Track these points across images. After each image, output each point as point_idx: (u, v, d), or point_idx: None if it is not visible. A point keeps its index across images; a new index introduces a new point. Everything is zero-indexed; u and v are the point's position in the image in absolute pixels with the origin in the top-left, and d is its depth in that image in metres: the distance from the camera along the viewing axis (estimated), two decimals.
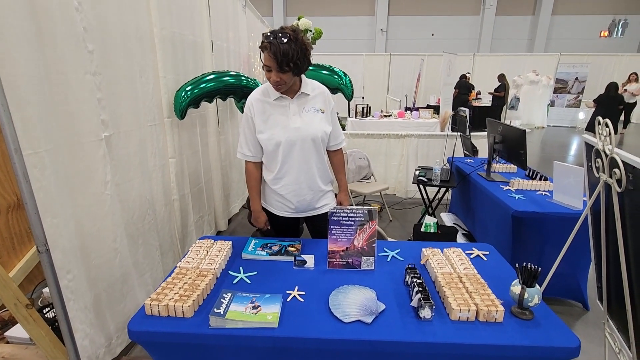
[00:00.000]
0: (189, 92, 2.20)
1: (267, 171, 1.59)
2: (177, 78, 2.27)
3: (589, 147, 1.45)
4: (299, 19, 4.13)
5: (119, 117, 1.69)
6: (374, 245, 1.34)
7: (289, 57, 1.30)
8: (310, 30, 4.16)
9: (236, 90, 2.43)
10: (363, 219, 1.33)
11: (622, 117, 8.01)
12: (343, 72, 2.42)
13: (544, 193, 2.30)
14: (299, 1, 13.99)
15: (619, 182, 1.17)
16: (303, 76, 1.51)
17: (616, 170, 1.17)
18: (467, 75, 9.34)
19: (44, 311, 1.74)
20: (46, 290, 1.88)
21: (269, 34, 1.33)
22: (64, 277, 1.36)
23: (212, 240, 1.49)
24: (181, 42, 2.33)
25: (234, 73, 2.45)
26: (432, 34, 13.79)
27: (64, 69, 1.34)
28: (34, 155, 1.21)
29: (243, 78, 2.45)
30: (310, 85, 1.53)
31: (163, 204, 2.15)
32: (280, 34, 1.30)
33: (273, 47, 1.30)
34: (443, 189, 2.99)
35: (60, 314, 1.30)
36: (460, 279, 1.21)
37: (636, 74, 8.47)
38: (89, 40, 1.45)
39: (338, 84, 2.36)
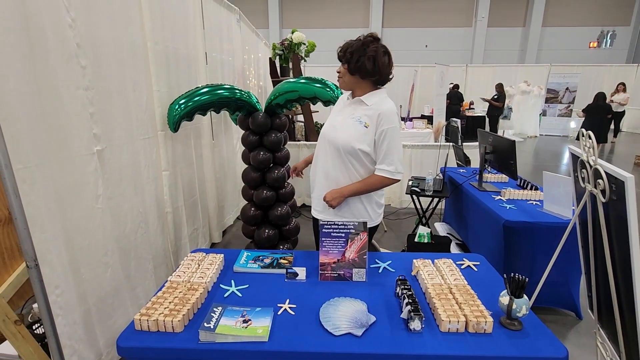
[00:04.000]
0: (182, 105, 2.22)
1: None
2: (171, 91, 2.29)
3: (574, 157, 1.48)
4: (292, 32, 4.21)
5: (112, 131, 1.70)
6: (365, 256, 1.35)
7: (346, 48, 1.45)
8: (304, 43, 4.23)
9: (230, 103, 2.45)
10: (354, 231, 1.34)
11: (612, 126, 8.14)
12: (335, 85, 2.45)
13: (534, 202, 2.32)
14: (294, 14, 14.20)
15: (603, 192, 1.19)
16: (379, 90, 1.51)
17: (600, 181, 1.19)
18: (457, 85, 9.46)
19: (34, 327, 1.71)
20: (36, 305, 1.85)
21: None
22: (52, 292, 1.34)
23: (204, 254, 1.49)
24: (175, 55, 2.35)
25: (228, 86, 2.48)
26: (426, 46, 14.03)
27: (56, 84, 1.35)
28: (24, 170, 1.21)
29: (237, 91, 2.47)
30: (373, 98, 1.49)
31: (156, 217, 2.14)
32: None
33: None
34: (436, 199, 3.00)
35: (48, 330, 1.28)
36: (450, 290, 1.22)
37: (623, 84, 8.64)
38: (82, 55, 1.47)
39: (330, 97, 2.39)
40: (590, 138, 1.24)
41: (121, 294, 1.76)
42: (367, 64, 1.43)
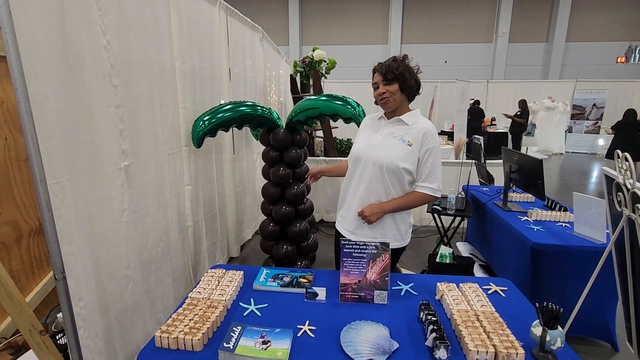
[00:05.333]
0: (206, 122, 2.28)
1: (345, 176, 1.70)
2: (196, 108, 2.36)
3: (609, 179, 1.42)
4: (313, 50, 4.29)
5: (139, 147, 1.75)
6: (387, 278, 1.31)
7: (393, 68, 1.47)
8: (325, 61, 4.30)
9: (252, 119, 2.50)
10: (376, 252, 1.31)
11: None
12: (356, 103, 2.46)
13: (564, 224, 2.23)
14: (314, 30, 14.53)
15: None
16: (416, 110, 1.58)
17: (639, 205, 1.13)
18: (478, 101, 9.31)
19: (57, 337, 1.74)
20: (60, 315, 1.90)
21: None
22: (76, 305, 1.37)
23: (224, 270, 1.49)
24: (200, 73, 2.43)
25: (250, 103, 2.53)
26: (445, 62, 14.01)
27: (90, 103, 1.42)
28: (56, 185, 1.26)
29: (259, 108, 2.52)
30: (413, 117, 1.54)
31: (177, 231, 2.18)
32: (388, 59, 1.52)
33: (380, 65, 1.51)
34: (458, 218, 2.93)
35: (72, 343, 1.30)
36: (477, 317, 1.17)
37: None
38: (114, 75, 1.54)
39: (351, 114, 2.40)
40: (627, 160, 1.19)
41: (141, 307, 1.78)
42: (413, 83, 1.50)
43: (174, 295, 2.11)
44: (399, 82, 1.47)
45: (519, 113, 8.68)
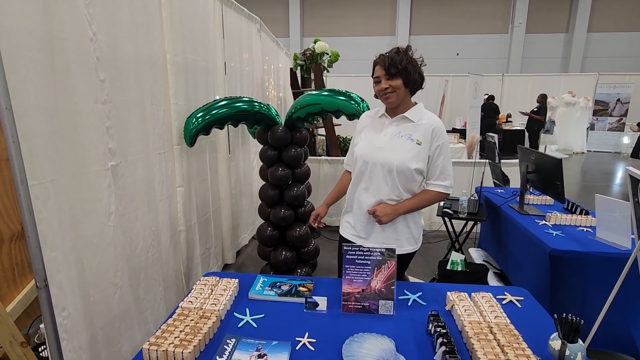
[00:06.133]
0: (200, 119, 2.28)
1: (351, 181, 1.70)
2: (188, 104, 2.36)
3: (634, 180, 1.41)
4: (315, 42, 4.29)
5: (127, 145, 1.76)
6: (393, 287, 1.31)
7: (397, 61, 1.45)
8: (327, 53, 4.31)
9: (248, 116, 2.50)
10: (381, 258, 1.31)
11: None
12: (360, 98, 2.46)
13: (585, 229, 2.21)
14: (316, 21, 14.55)
15: None
16: (419, 104, 1.58)
17: None
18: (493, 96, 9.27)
19: (40, 349, 1.75)
20: (43, 326, 1.90)
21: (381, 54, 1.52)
22: (59, 315, 1.37)
23: (218, 278, 1.48)
24: (193, 67, 2.44)
25: (247, 98, 2.54)
26: (457, 54, 13.98)
27: (74, 99, 1.42)
28: (38, 186, 1.26)
29: (256, 104, 2.53)
30: (418, 113, 1.55)
31: (168, 236, 2.18)
32: (390, 50, 1.50)
33: (382, 58, 1.49)
34: (471, 222, 2.92)
35: (54, 356, 1.30)
36: (491, 329, 1.16)
37: None
38: (101, 69, 1.54)
39: (355, 110, 2.39)
40: None
41: (129, 317, 1.78)
42: (417, 77, 1.51)
43: (164, 304, 2.11)
44: (402, 76, 1.47)
45: (536, 109, 8.64)
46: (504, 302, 1.38)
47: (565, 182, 2.25)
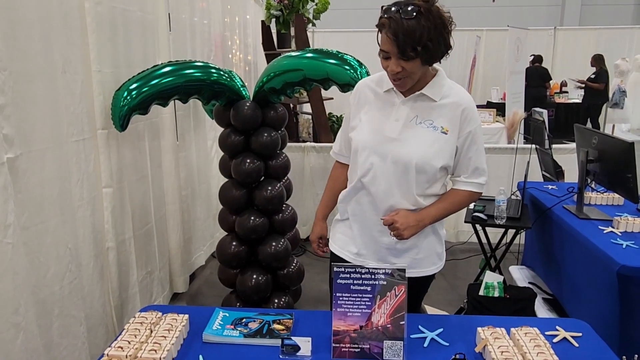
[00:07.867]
0: (134, 92, 2.26)
1: (348, 182, 1.68)
2: (118, 72, 2.34)
3: None
4: None
5: (31, 131, 1.73)
6: (402, 322, 1.31)
7: (415, 37, 1.29)
8: (312, 0, 4.30)
9: (203, 87, 2.49)
10: (386, 282, 1.31)
11: None
12: (357, 61, 2.45)
13: None
14: None
15: None
16: (439, 73, 1.52)
17: None
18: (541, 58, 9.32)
19: None
20: None
21: (390, 6, 1.33)
22: None
23: (160, 313, 1.48)
24: (124, 20, 2.41)
25: (201, 64, 2.52)
26: (493, 1, 14.06)
27: None
28: None
29: (213, 70, 2.51)
30: (441, 87, 1.51)
31: (92, 256, 2.17)
32: (405, 6, 1.30)
33: (393, 24, 1.31)
34: (512, 231, 2.94)
35: None
36: None
37: None
38: None
39: (350, 78, 2.38)
40: None
41: None
42: (443, 48, 1.39)
43: (89, 351, 2.10)
44: (422, 57, 1.35)
45: (593, 76, 8.75)
46: (555, 340, 1.40)
47: (639, 175, 2.28)
